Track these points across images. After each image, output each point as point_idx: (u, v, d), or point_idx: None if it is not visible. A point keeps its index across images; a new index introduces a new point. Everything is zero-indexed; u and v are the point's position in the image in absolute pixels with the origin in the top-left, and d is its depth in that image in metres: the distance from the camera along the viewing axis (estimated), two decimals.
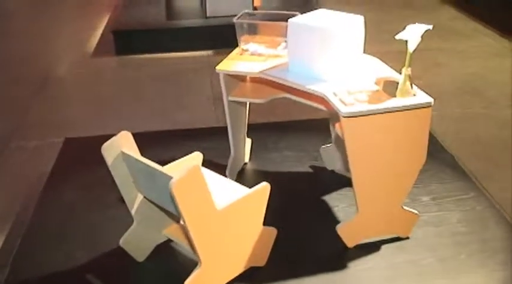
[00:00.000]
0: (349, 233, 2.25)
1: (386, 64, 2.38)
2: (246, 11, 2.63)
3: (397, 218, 2.27)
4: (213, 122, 3.94)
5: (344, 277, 2.14)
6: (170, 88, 4.57)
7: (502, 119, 3.92)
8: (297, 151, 3.00)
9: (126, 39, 5.19)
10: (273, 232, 2.16)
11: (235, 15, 2.56)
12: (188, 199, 1.78)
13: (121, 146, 2.01)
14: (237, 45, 2.58)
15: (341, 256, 2.23)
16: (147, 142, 2.33)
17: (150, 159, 1.96)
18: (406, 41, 2.05)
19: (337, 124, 2.22)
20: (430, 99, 2.05)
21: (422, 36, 2.03)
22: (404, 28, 2.05)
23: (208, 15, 5.37)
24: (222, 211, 1.91)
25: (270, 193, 2.04)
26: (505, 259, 2.17)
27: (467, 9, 6.28)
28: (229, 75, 2.48)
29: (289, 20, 2.28)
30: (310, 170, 2.83)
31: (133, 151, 2.03)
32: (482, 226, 2.37)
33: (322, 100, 2.24)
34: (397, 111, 2.02)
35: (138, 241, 2.19)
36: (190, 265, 2.08)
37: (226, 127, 2.65)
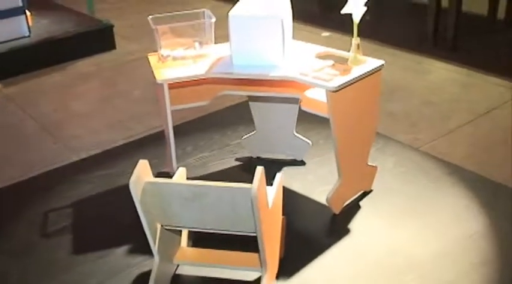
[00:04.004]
0: (336, 201, 2.39)
1: None
2: (151, 16, 2.49)
3: (365, 175, 2.49)
4: (66, 157, 3.52)
5: (355, 239, 2.26)
6: None
7: None
8: (209, 150, 2.97)
9: None
10: (284, 220, 2.18)
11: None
12: (262, 204, 1.72)
13: (143, 177, 1.79)
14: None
15: (338, 223, 2.36)
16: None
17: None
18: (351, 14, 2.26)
19: (302, 103, 2.32)
20: (382, 62, 2.30)
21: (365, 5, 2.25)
22: (346, 2, 2.25)
23: None
24: (271, 209, 1.87)
25: None
26: (458, 177, 2.60)
27: None
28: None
29: (230, 14, 2.27)
30: (239, 162, 2.84)
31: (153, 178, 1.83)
32: (412, 162, 2.74)
33: (285, 84, 2.31)
34: (365, 76, 2.23)
35: (161, 277, 1.98)
36: None
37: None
